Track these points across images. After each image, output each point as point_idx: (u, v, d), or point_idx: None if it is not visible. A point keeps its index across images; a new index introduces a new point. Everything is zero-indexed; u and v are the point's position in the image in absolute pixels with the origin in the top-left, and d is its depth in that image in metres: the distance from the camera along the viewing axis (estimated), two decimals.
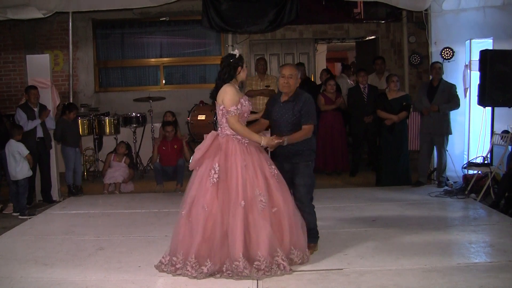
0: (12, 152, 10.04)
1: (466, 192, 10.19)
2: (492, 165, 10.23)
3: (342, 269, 6.42)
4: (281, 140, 6.58)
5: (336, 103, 12.12)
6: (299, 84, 7.09)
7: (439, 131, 10.97)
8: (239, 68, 6.63)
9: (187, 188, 6.68)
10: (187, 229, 6.44)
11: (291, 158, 6.93)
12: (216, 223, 6.30)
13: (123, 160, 12.30)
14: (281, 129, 6.91)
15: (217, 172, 6.40)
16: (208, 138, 6.70)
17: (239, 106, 6.48)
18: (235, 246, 6.16)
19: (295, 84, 6.96)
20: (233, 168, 6.38)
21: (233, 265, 6.14)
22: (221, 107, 6.59)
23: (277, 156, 7.02)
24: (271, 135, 7.01)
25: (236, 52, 6.71)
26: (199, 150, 6.67)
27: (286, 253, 6.39)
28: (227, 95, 6.49)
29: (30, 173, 10.22)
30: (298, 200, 6.88)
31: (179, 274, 6.29)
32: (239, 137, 6.56)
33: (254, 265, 6.16)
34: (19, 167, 10.06)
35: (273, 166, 6.63)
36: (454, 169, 11.20)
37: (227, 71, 6.63)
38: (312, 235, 6.99)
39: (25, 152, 10.04)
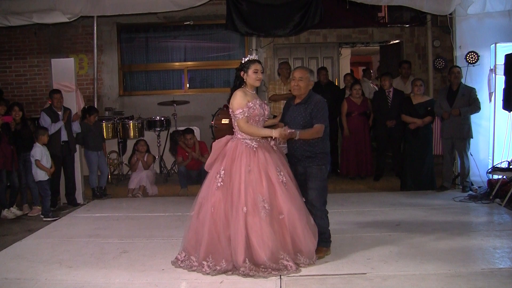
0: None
1: (491, 197, 10.10)
2: None
3: (365, 273, 6.39)
4: (293, 131, 6.56)
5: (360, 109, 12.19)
6: (311, 86, 7.09)
7: (460, 135, 10.89)
8: (242, 72, 6.73)
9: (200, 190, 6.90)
10: (197, 229, 6.69)
11: (304, 161, 6.93)
12: (221, 226, 6.48)
13: (145, 157, 12.37)
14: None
15: (221, 176, 6.58)
16: (221, 142, 6.86)
17: (245, 109, 6.58)
18: (237, 253, 6.32)
19: (306, 87, 6.98)
20: (237, 173, 6.50)
21: (240, 271, 6.28)
22: (230, 111, 6.77)
23: (291, 158, 7.05)
24: None
25: (249, 56, 6.83)
26: (212, 153, 6.87)
27: (291, 258, 6.46)
28: (234, 99, 6.67)
29: (43, 177, 10.22)
30: (309, 203, 6.90)
31: (194, 270, 6.51)
32: (248, 141, 6.67)
33: (261, 268, 6.29)
34: (34, 170, 10.18)
35: (282, 173, 6.62)
36: (479, 173, 11.12)
37: (237, 79, 6.85)
38: (324, 239, 6.99)
39: (36, 157, 10.12)
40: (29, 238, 8.63)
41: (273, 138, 6.58)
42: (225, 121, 12.28)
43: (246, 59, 6.78)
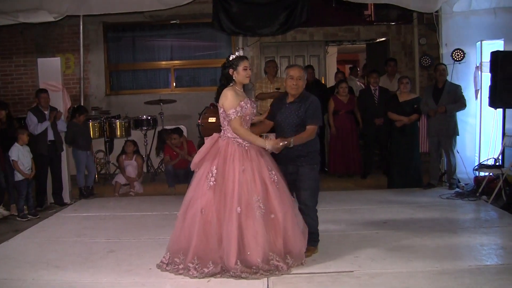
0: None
1: (478, 194, 10.14)
2: (503, 167, 10.20)
3: (353, 271, 6.40)
4: (286, 142, 6.54)
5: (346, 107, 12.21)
6: (305, 85, 7.06)
7: (446, 133, 10.93)
8: (231, 70, 6.64)
9: (187, 189, 6.78)
10: (184, 230, 6.56)
11: (296, 161, 6.88)
12: (212, 227, 6.36)
13: (134, 158, 12.36)
14: (285, 131, 6.89)
15: (214, 175, 6.46)
16: (209, 140, 6.77)
17: (238, 109, 6.48)
18: (229, 255, 6.23)
19: (303, 86, 6.96)
20: (230, 172, 6.41)
21: (231, 272, 6.20)
22: (221, 111, 6.65)
23: (281, 158, 6.95)
24: (276, 137, 7.02)
25: (236, 53, 6.75)
26: (200, 152, 6.77)
27: (281, 259, 6.41)
28: (226, 99, 6.54)
29: (18, 177, 10.15)
30: (302, 203, 6.89)
31: (181, 274, 6.38)
32: (239, 140, 6.58)
33: (253, 269, 6.20)
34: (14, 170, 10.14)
35: (274, 172, 6.59)
36: (465, 171, 11.15)
37: (224, 77, 6.73)
38: (313, 239, 6.98)
39: (12, 157, 10.03)
40: (16, 238, 8.59)
41: (266, 149, 6.53)
42: (211, 119, 12.24)
43: (234, 56, 6.69)
